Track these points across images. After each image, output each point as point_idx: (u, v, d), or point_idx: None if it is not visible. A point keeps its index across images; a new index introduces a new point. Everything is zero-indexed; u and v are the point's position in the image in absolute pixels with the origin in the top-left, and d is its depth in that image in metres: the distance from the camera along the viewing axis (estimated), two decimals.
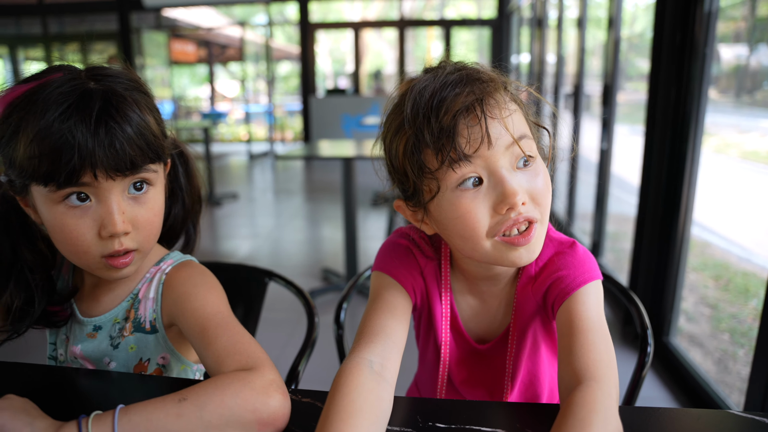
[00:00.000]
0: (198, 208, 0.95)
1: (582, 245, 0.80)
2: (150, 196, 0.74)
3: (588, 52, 3.96)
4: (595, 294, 0.74)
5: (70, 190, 0.68)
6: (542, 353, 0.85)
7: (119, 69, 0.74)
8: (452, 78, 0.67)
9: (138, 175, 0.71)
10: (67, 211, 0.69)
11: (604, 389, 0.61)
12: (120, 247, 0.71)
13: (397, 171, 0.73)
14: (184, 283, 0.80)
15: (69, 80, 0.68)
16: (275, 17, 10.85)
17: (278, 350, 2.43)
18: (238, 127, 12.56)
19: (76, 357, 0.85)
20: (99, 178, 0.67)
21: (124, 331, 0.82)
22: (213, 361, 0.69)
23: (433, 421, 0.65)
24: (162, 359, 0.84)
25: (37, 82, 0.68)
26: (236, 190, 6.47)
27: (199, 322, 0.73)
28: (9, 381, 0.77)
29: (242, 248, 4.24)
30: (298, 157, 3.17)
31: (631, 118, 4.53)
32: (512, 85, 0.72)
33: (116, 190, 0.70)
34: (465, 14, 10.95)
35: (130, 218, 0.72)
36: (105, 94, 0.67)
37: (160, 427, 0.58)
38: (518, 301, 0.81)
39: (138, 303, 0.82)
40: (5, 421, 0.56)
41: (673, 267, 2.25)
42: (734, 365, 2.44)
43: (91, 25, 9.89)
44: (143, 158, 0.70)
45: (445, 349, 0.86)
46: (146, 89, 0.75)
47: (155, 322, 0.81)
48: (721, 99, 3.58)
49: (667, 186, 2.21)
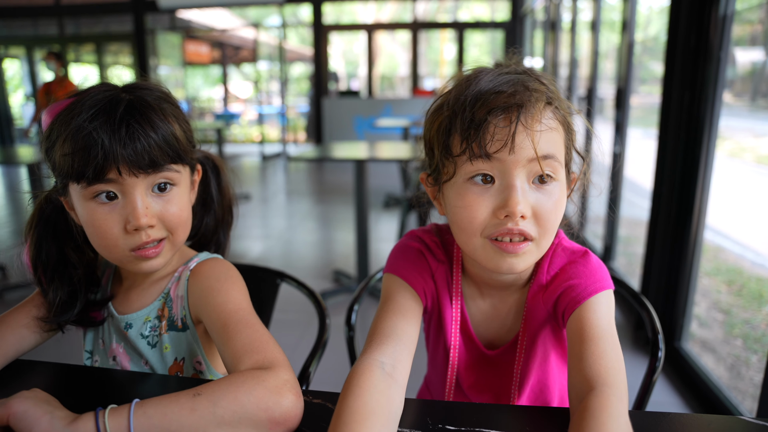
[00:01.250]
0: (229, 219, 1.01)
1: (595, 255, 0.80)
2: (174, 195, 0.79)
3: (601, 55, 3.94)
4: (607, 303, 0.74)
5: (99, 187, 0.74)
6: (552, 361, 0.85)
7: (153, 83, 0.82)
8: (504, 78, 0.69)
9: (161, 174, 0.76)
10: (98, 207, 0.75)
11: (617, 394, 0.62)
12: (147, 239, 0.76)
13: (427, 144, 0.77)
14: (208, 277, 0.83)
15: (104, 91, 0.75)
16: (289, 19, 10.91)
17: (289, 351, 2.43)
18: (250, 128, 12.64)
19: (116, 356, 0.88)
20: (123, 174, 0.73)
21: (160, 329, 0.86)
22: (231, 357, 0.71)
23: (443, 424, 0.65)
24: (198, 364, 0.87)
25: (79, 96, 0.76)
26: (249, 191, 6.51)
27: (221, 318, 0.76)
28: (35, 379, 0.79)
29: (254, 249, 4.27)
30: (310, 158, 3.19)
31: (644, 122, 4.50)
32: (561, 102, 0.72)
33: (140, 187, 0.75)
34: (478, 17, 10.93)
35: (156, 213, 0.77)
36: (132, 101, 0.75)
37: (174, 420, 0.60)
38: (528, 308, 0.82)
39: (170, 302, 0.86)
40: (27, 407, 0.59)
41: (686, 271, 2.23)
42: (747, 371, 2.41)
43: (107, 27, 10.01)
44: (164, 158, 0.75)
45: (454, 353, 0.86)
46: (174, 101, 0.82)
47: (186, 318, 0.84)
48: (737, 103, 3.55)
49: (680, 190, 2.19)
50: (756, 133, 3.95)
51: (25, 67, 10.49)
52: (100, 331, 0.91)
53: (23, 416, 0.58)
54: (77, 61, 10.53)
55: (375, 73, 9.88)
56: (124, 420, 0.59)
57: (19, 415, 0.58)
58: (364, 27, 9.64)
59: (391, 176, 6.66)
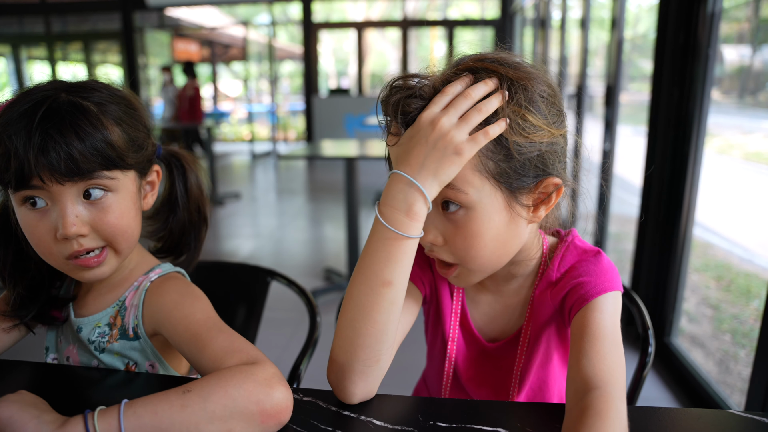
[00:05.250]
0: (198, 219, 0.94)
1: (607, 256, 0.79)
2: (110, 202, 0.75)
3: (591, 53, 3.96)
4: (613, 304, 0.73)
5: (26, 193, 0.71)
6: (554, 361, 0.85)
7: (106, 85, 0.78)
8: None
9: (92, 182, 0.72)
10: (29, 213, 0.73)
11: (619, 395, 0.62)
12: (79, 248, 0.73)
13: None
14: (169, 293, 0.80)
15: (41, 91, 0.71)
16: (278, 17, 10.87)
17: (279, 350, 2.44)
18: (240, 127, 12.58)
19: (69, 357, 0.86)
20: (46, 181, 0.69)
21: (109, 337, 0.83)
22: (211, 361, 0.70)
23: (434, 420, 0.65)
24: (150, 367, 0.85)
25: (20, 95, 0.72)
26: (239, 190, 6.48)
27: (191, 329, 0.74)
28: (17, 379, 0.78)
29: (244, 248, 4.25)
30: (300, 156, 3.18)
31: (634, 119, 4.53)
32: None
33: (69, 194, 0.71)
34: (468, 14, 10.96)
35: (88, 221, 0.73)
36: (60, 105, 0.70)
37: (166, 418, 0.59)
38: (535, 304, 0.81)
39: (124, 310, 0.83)
40: (13, 413, 0.58)
41: (675, 268, 2.25)
42: (735, 366, 2.44)
43: (94, 25, 9.91)
44: (91, 165, 0.71)
45: (452, 345, 0.86)
46: (128, 102, 0.78)
47: (137, 328, 0.81)
48: (725, 100, 3.58)
49: (669, 187, 2.21)
50: (744, 130, 3.98)
51: (11, 65, 10.36)
52: (60, 330, 0.90)
53: (9, 422, 0.57)
54: (64, 60, 10.42)
55: (365, 71, 9.86)
56: (114, 421, 0.58)
57: (4, 421, 0.57)
58: (354, 25, 9.62)
59: (381, 174, 6.65)
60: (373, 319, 0.67)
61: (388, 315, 0.68)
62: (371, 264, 0.68)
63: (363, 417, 0.67)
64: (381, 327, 0.68)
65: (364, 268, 0.68)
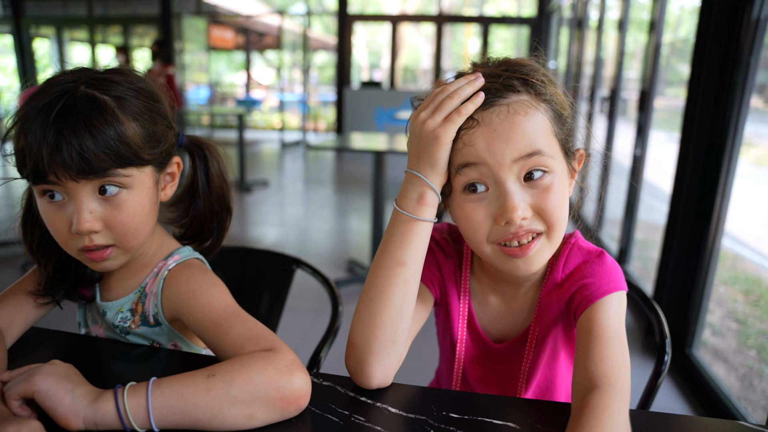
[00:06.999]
0: (220, 208, 0.93)
1: (610, 256, 0.81)
2: (124, 199, 0.75)
3: (628, 56, 3.89)
4: (618, 304, 0.75)
5: (44, 187, 0.73)
6: (561, 361, 0.86)
7: (130, 75, 0.78)
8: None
9: (106, 179, 0.73)
10: (48, 205, 0.75)
11: (619, 395, 0.63)
12: (90, 243, 0.75)
13: None
14: (187, 281, 0.82)
15: (62, 84, 0.72)
16: (314, 7, 10.91)
17: (300, 337, 2.48)
18: (271, 115, 12.70)
19: (98, 336, 0.91)
20: (62, 178, 0.71)
21: (132, 323, 0.86)
22: (231, 347, 0.72)
23: (447, 411, 0.67)
24: (173, 346, 0.89)
25: (45, 84, 0.73)
26: (267, 178, 6.56)
27: (210, 316, 0.76)
28: (52, 347, 0.84)
29: (270, 235, 4.32)
30: (329, 148, 3.21)
31: (669, 125, 4.44)
32: (540, 87, 0.72)
33: (84, 191, 0.73)
34: (504, 11, 10.84)
35: (101, 217, 0.75)
36: (77, 101, 0.70)
37: (191, 401, 0.62)
38: (541, 305, 0.83)
39: (145, 297, 0.86)
40: (50, 386, 0.61)
41: (701, 278, 2.21)
42: (760, 383, 2.39)
43: (134, 9, 10.11)
44: (105, 163, 0.71)
45: (461, 347, 0.88)
46: (149, 94, 0.78)
47: (158, 316, 0.84)
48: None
49: (699, 195, 2.17)
50: None
51: (54, 47, 10.65)
52: (87, 308, 0.94)
53: (47, 395, 0.60)
54: (104, 43, 10.67)
55: (398, 65, 9.85)
56: (142, 400, 0.61)
57: (42, 394, 0.60)
58: (389, 18, 9.60)
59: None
60: (389, 299, 0.72)
61: (403, 295, 0.73)
62: (387, 247, 0.74)
63: (379, 403, 0.69)
64: (396, 307, 0.72)
65: (382, 251, 0.74)
